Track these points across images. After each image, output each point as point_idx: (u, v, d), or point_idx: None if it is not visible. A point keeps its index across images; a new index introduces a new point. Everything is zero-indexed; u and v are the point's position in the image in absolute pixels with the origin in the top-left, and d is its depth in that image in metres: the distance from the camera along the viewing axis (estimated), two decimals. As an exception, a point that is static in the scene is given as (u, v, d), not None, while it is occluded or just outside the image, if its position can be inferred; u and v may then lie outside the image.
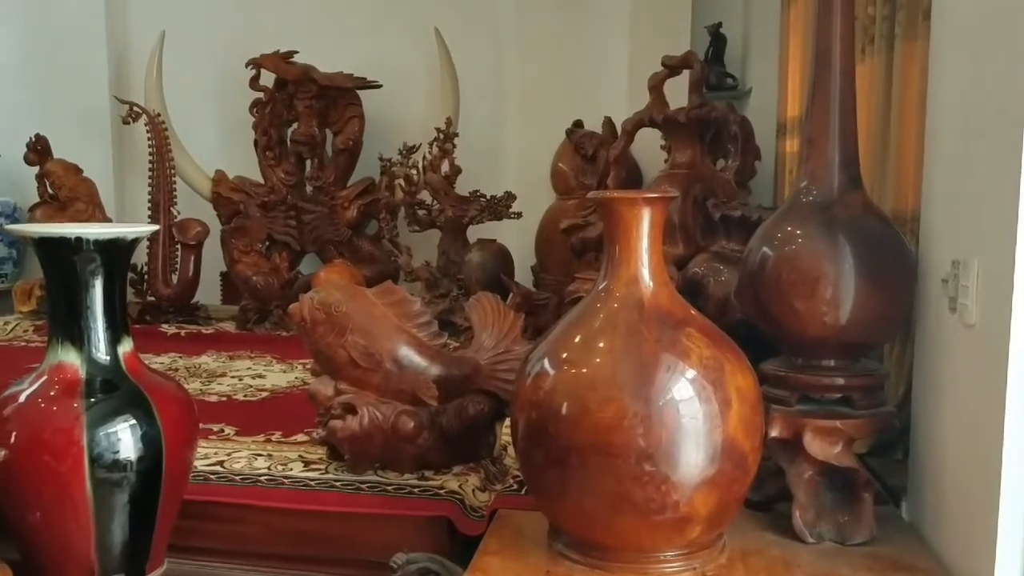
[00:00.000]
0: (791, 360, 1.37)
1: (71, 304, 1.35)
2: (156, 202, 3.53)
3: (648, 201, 1.21)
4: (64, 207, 3.46)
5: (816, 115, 1.33)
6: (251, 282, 3.21)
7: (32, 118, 3.70)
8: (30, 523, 1.28)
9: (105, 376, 1.36)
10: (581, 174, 3.45)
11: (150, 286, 3.45)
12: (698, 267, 2.05)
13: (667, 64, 2.57)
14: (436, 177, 3.17)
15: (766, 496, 1.37)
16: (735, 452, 1.14)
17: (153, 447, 1.34)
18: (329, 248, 3.52)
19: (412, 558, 1.32)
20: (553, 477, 1.16)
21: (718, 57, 3.57)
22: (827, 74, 1.32)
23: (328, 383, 1.57)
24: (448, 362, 1.60)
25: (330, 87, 3.48)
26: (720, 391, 1.13)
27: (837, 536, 1.26)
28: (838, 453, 1.26)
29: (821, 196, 1.32)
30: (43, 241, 1.34)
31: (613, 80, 3.53)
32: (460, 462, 1.61)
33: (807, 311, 1.29)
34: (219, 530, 1.56)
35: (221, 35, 3.80)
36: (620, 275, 1.21)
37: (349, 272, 3.04)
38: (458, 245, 3.15)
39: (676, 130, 2.56)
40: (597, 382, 1.13)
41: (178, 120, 3.67)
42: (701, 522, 1.14)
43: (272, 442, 1.83)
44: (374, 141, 3.58)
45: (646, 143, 3.06)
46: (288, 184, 3.55)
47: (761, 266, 1.34)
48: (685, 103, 2.52)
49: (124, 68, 3.92)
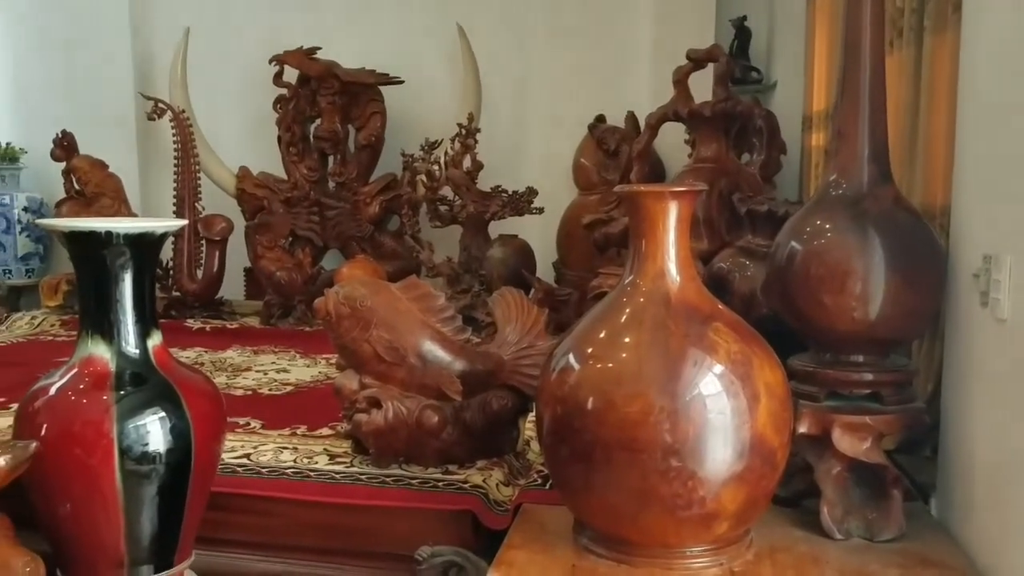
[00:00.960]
0: (819, 355, 1.36)
1: (101, 298, 1.36)
2: (181, 198, 3.56)
3: (675, 195, 1.20)
4: (90, 202, 3.49)
5: (846, 108, 1.32)
6: (275, 277, 3.24)
7: (58, 114, 3.73)
8: (60, 515, 1.30)
9: (135, 369, 1.37)
10: (603, 169, 3.43)
11: (175, 281, 3.48)
12: (723, 262, 2.03)
13: (692, 57, 2.55)
14: (458, 173, 3.17)
15: (794, 492, 1.36)
16: (763, 448, 1.13)
17: (182, 440, 1.35)
18: (351, 244, 3.53)
19: (437, 551, 1.32)
20: (578, 472, 1.16)
21: (743, 51, 3.54)
22: (857, 67, 1.30)
23: (353, 377, 1.58)
24: (472, 357, 1.60)
25: (353, 83, 3.49)
26: (748, 386, 1.12)
27: (865, 532, 1.25)
28: (867, 449, 1.25)
29: (851, 190, 1.31)
30: (74, 235, 1.35)
31: (636, 74, 3.51)
32: (484, 457, 1.61)
33: (836, 306, 1.28)
34: (246, 522, 1.57)
35: (245, 32, 3.81)
36: (646, 270, 1.20)
37: (371, 268, 3.06)
38: (480, 241, 3.15)
39: (701, 124, 2.54)
40: (623, 377, 1.13)
41: (203, 116, 3.69)
42: (728, 518, 1.13)
43: (297, 436, 1.85)
44: (396, 137, 3.58)
45: (669, 138, 3.04)
46: (311, 180, 3.57)
47: (789, 261, 1.33)
48: (710, 97, 2.50)
49: (149, 65, 3.95)
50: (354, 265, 3.11)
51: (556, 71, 3.62)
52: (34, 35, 4.00)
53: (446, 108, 3.53)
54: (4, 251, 3.79)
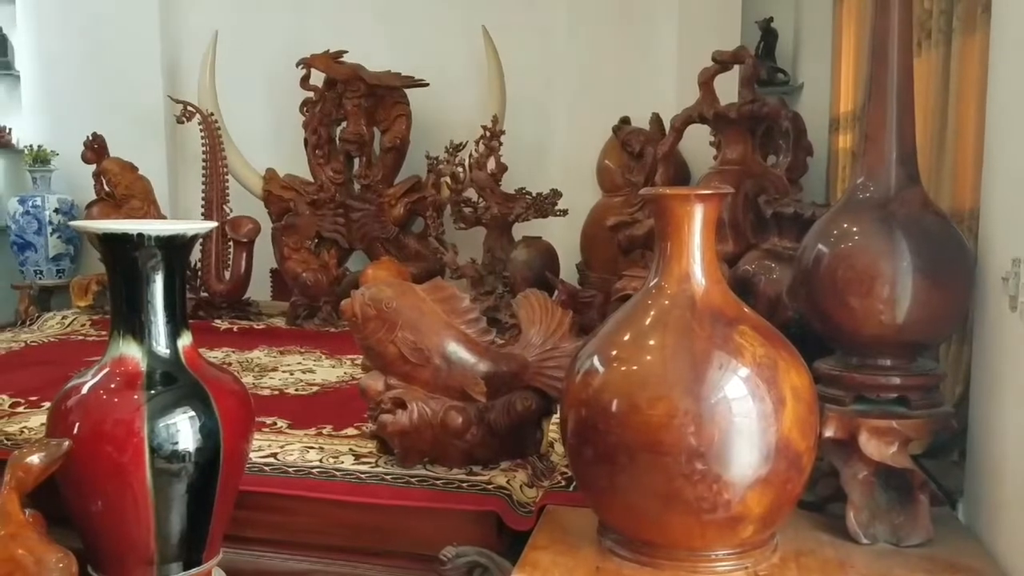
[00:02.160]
0: (846, 359, 1.35)
1: (132, 298, 1.39)
2: (209, 200, 3.60)
3: (701, 197, 1.20)
4: (120, 204, 3.54)
5: (873, 110, 1.31)
6: (300, 279, 3.26)
7: (89, 117, 3.79)
8: (92, 512, 1.32)
9: (165, 369, 1.39)
10: (628, 171, 3.42)
11: (204, 282, 3.52)
12: (749, 265, 2.02)
13: (718, 59, 2.54)
14: (482, 175, 3.18)
15: (820, 496, 1.36)
16: (789, 451, 1.12)
17: (211, 439, 1.37)
18: (376, 245, 3.55)
19: (461, 551, 1.33)
20: (602, 474, 1.16)
21: (769, 52, 3.53)
22: (884, 68, 1.29)
23: (378, 378, 1.59)
24: (496, 359, 1.61)
25: (378, 86, 3.51)
26: (774, 390, 1.12)
27: (892, 537, 1.24)
28: (894, 454, 1.24)
29: (878, 192, 1.30)
30: (106, 237, 1.38)
31: (661, 76, 3.50)
32: (508, 458, 1.62)
33: (863, 309, 1.27)
34: (273, 521, 1.59)
35: (272, 35, 3.85)
36: (671, 272, 1.20)
37: (396, 269, 3.07)
38: (503, 243, 3.16)
39: (727, 126, 2.54)
40: (647, 380, 1.13)
41: (231, 119, 3.73)
42: (754, 521, 1.13)
43: (323, 435, 1.86)
44: (421, 139, 3.60)
45: (694, 140, 3.03)
46: (337, 182, 3.59)
47: (816, 263, 1.33)
48: (735, 99, 2.50)
49: (178, 68, 4.00)
50: (379, 267, 3.13)
51: (581, 73, 3.62)
52: (66, 40, 4.07)
53: (471, 110, 3.54)
54: (36, 252, 3.86)
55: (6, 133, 4.22)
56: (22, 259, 3.90)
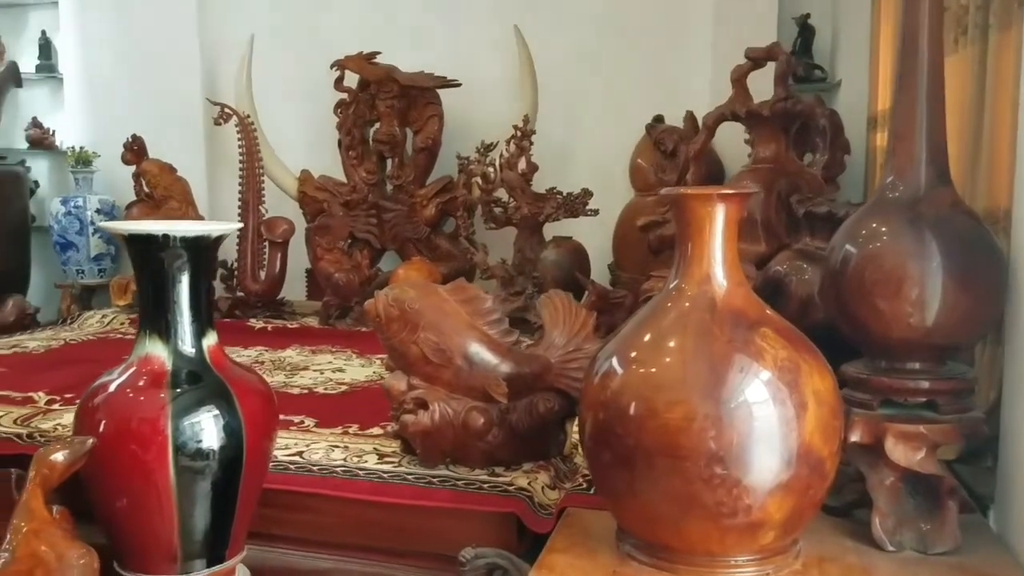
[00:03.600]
0: (874, 362, 1.32)
1: (159, 298, 1.41)
2: (245, 201, 3.64)
3: (723, 197, 1.18)
4: (158, 205, 3.60)
5: (902, 108, 1.28)
6: (333, 279, 3.29)
7: (130, 119, 3.85)
8: (117, 509, 1.34)
9: (190, 368, 1.41)
10: (661, 170, 3.39)
11: (239, 282, 3.57)
12: (780, 265, 1.99)
13: (751, 56, 2.51)
14: (512, 175, 3.17)
15: (845, 502, 1.33)
16: (811, 456, 1.10)
17: (234, 437, 1.38)
18: (408, 246, 3.56)
19: (480, 553, 1.33)
20: (620, 478, 1.15)
21: (806, 49, 3.47)
22: (914, 64, 1.26)
23: (401, 378, 1.60)
24: (518, 360, 1.60)
25: (411, 87, 3.53)
26: (796, 394, 1.10)
27: (919, 545, 1.21)
28: (921, 459, 1.21)
29: (907, 192, 1.27)
30: (133, 238, 1.40)
31: (696, 74, 3.45)
32: (530, 459, 1.61)
33: (891, 311, 1.24)
34: (297, 519, 1.61)
35: (308, 38, 3.88)
36: (692, 274, 1.19)
37: (427, 269, 3.08)
38: (534, 243, 3.15)
39: (760, 124, 2.50)
40: (665, 382, 1.11)
41: (267, 121, 3.77)
42: (775, 527, 1.11)
43: (349, 434, 1.87)
44: (453, 139, 3.61)
45: (729, 138, 3.00)
46: (369, 183, 3.62)
47: (843, 264, 1.30)
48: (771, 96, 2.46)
49: (216, 71, 4.05)
50: (410, 267, 3.14)
51: (613, 71, 3.60)
52: (107, 43, 4.14)
53: (503, 110, 3.53)
54: (77, 251, 3.94)
55: (50, 135, 4.32)
56: (64, 259, 3.98)
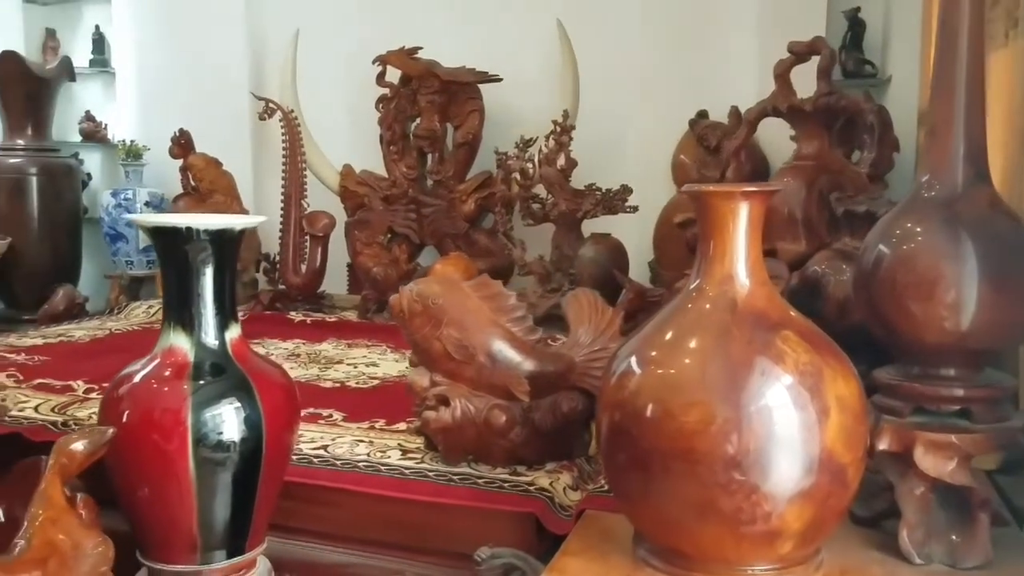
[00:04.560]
0: (906, 368, 1.27)
1: (183, 291, 1.42)
2: (288, 195, 3.68)
3: (746, 195, 1.14)
4: (204, 199, 3.66)
5: (939, 103, 1.23)
6: (371, 273, 3.31)
7: (178, 113, 3.92)
8: (139, 498, 1.35)
9: (213, 360, 1.42)
10: (704, 167, 3.34)
11: (281, 275, 3.61)
12: (818, 265, 1.94)
13: (793, 50, 2.45)
14: (551, 170, 3.15)
15: (875, 512, 1.28)
16: (832, 464, 1.06)
17: (255, 430, 1.38)
18: (447, 241, 3.57)
19: (497, 553, 1.31)
20: (636, 481, 1.12)
21: (856, 43, 3.38)
22: (952, 58, 1.21)
23: (424, 374, 1.59)
24: (542, 358, 1.58)
25: (452, 82, 3.52)
26: (817, 399, 1.06)
27: (948, 558, 1.16)
28: (952, 470, 1.16)
29: (943, 191, 1.22)
30: (158, 231, 1.41)
31: (741, 68, 3.38)
32: (553, 459, 1.59)
33: (924, 315, 1.19)
34: (319, 513, 1.61)
35: (351, 33, 3.90)
36: (713, 273, 1.15)
37: (465, 265, 3.07)
38: (572, 239, 3.12)
39: (802, 120, 2.44)
40: (682, 384, 1.09)
41: (310, 116, 3.80)
42: (792, 537, 1.07)
43: (375, 429, 1.87)
44: (494, 134, 3.59)
45: (775, 135, 2.93)
46: (410, 178, 3.62)
47: (876, 265, 1.25)
48: (815, 92, 2.40)
49: (262, 66, 4.10)
50: (447, 262, 3.14)
51: (656, 66, 3.53)
52: (157, 38, 4.23)
53: (543, 105, 3.51)
54: (127, 243, 4.03)
55: (102, 128, 4.43)
56: (114, 250, 4.08)
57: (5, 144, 3.99)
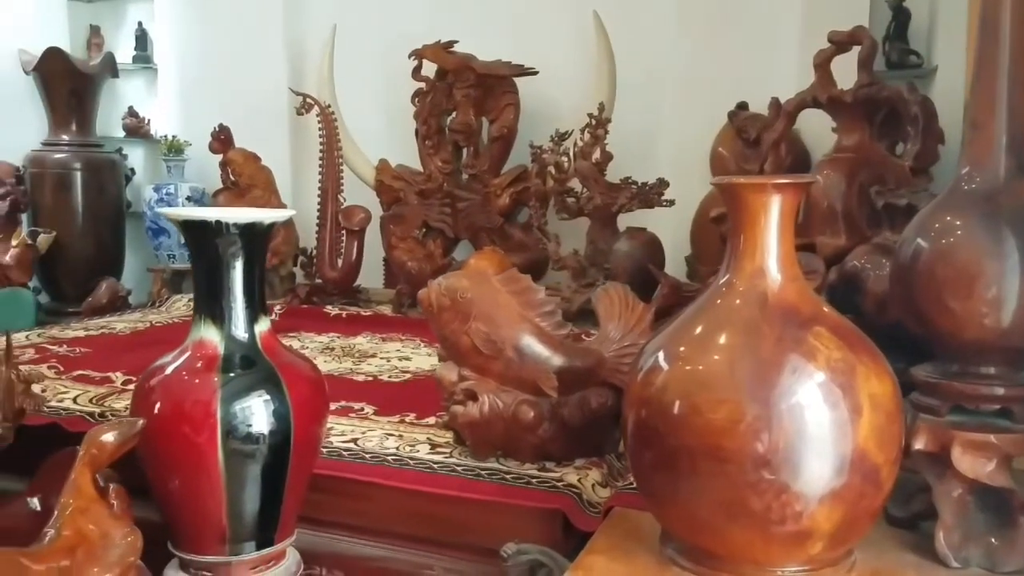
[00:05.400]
0: (945, 366, 1.23)
1: (213, 284, 1.43)
2: (325, 189, 3.71)
3: (778, 187, 1.12)
4: (243, 193, 3.69)
5: (980, 93, 1.19)
6: (406, 267, 3.31)
7: (219, 108, 3.96)
8: (170, 489, 1.37)
9: (243, 353, 1.43)
10: (742, 159, 3.28)
11: (318, 269, 3.63)
12: (857, 260, 1.90)
13: (834, 40, 2.41)
14: (586, 164, 3.13)
15: (911, 513, 1.25)
16: (865, 464, 1.03)
17: (283, 422, 1.39)
18: (481, 235, 3.56)
19: (523, 549, 1.30)
20: (663, 480, 1.11)
21: (900, 33, 3.30)
22: (995, 46, 1.17)
23: (453, 369, 1.59)
24: (571, 353, 1.57)
25: (487, 75, 3.51)
26: (850, 397, 1.03)
27: (986, 562, 1.13)
28: (991, 471, 1.12)
29: (984, 184, 1.18)
30: (188, 224, 1.42)
31: (782, 59, 3.31)
32: (582, 455, 1.58)
33: (964, 311, 1.15)
34: (348, 505, 1.62)
35: (387, 28, 3.91)
36: (743, 268, 1.13)
37: (499, 260, 3.04)
38: (607, 234, 3.09)
39: (842, 111, 2.40)
40: (711, 381, 1.06)
41: (347, 110, 3.82)
42: (823, 538, 1.05)
43: (405, 423, 1.87)
44: (529, 128, 3.58)
45: (816, 126, 2.88)
46: (445, 172, 3.63)
47: (913, 260, 1.22)
48: (855, 82, 2.35)
49: (300, 61, 4.13)
50: (481, 257, 3.12)
51: (694, 56, 3.47)
52: (198, 34, 4.30)
53: (579, 98, 3.48)
54: (169, 237, 4.09)
55: (145, 124, 4.50)
56: (156, 244, 4.14)
57: (50, 140, 4.08)
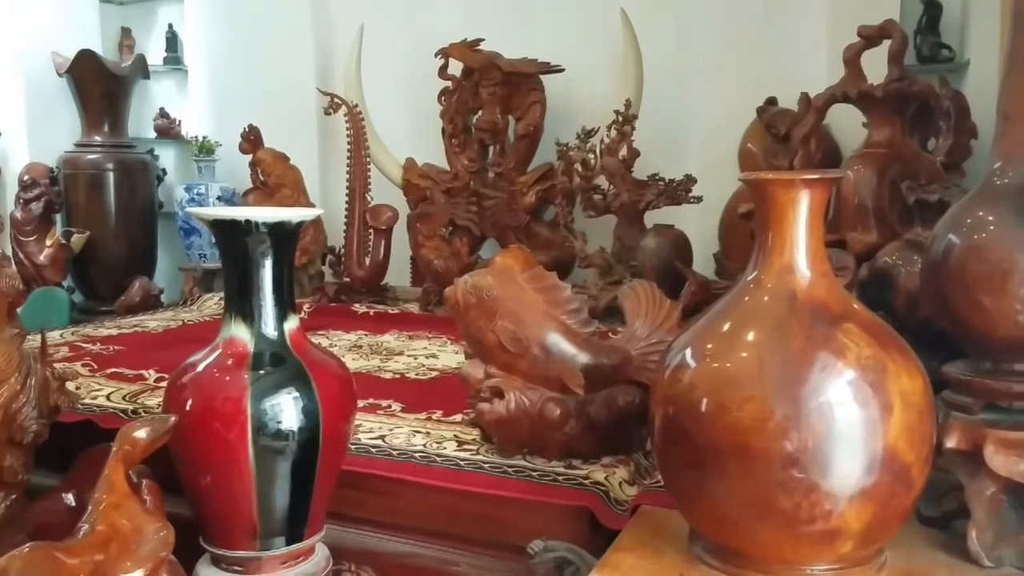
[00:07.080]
0: (977, 363, 1.22)
1: (243, 283, 1.45)
2: (353, 189, 3.73)
3: (807, 183, 1.11)
4: (272, 193, 3.72)
5: (1013, 86, 1.17)
6: (432, 265, 3.33)
7: (248, 109, 4.00)
8: (202, 485, 1.39)
9: (272, 350, 1.44)
10: (772, 155, 3.25)
11: (346, 267, 3.66)
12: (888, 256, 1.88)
13: (863, 34, 2.38)
14: (612, 161, 3.11)
15: (943, 512, 1.23)
16: (895, 463, 1.02)
17: (312, 419, 1.40)
18: (508, 233, 3.56)
19: (550, 546, 1.31)
20: (690, 478, 1.10)
21: (932, 27, 3.25)
22: (1028, 38, 1.15)
23: (479, 366, 1.59)
24: (597, 351, 1.56)
25: (514, 73, 3.51)
26: (880, 395, 1.02)
27: (1019, 562, 1.11)
28: (1025, 470, 1.10)
29: (1017, 178, 1.16)
30: (218, 223, 1.44)
31: (811, 54, 3.27)
32: (609, 453, 1.58)
33: (996, 308, 1.14)
34: (376, 502, 1.63)
35: (413, 27, 3.93)
36: (772, 264, 1.12)
37: (525, 257, 3.05)
38: (634, 231, 3.08)
39: (873, 106, 2.37)
40: (739, 379, 1.06)
41: (374, 110, 3.84)
42: (852, 537, 1.04)
43: (432, 420, 1.88)
44: (555, 125, 3.57)
45: (847, 122, 2.84)
46: (471, 171, 3.63)
47: (945, 256, 1.20)
48: (886, 77, 2.32)
49: (327, 61, 4.16)
50: (507, 255, 3.13)
51: (722, 52, 3.44)
52: (228, 36, 4.34)
53: (606, 94, 3.46)
54: (200, 236, 4.14)
55: (176, 125, 4.56)
56: (188, 243, 4.19)
57: (83, 141, 4.15)
